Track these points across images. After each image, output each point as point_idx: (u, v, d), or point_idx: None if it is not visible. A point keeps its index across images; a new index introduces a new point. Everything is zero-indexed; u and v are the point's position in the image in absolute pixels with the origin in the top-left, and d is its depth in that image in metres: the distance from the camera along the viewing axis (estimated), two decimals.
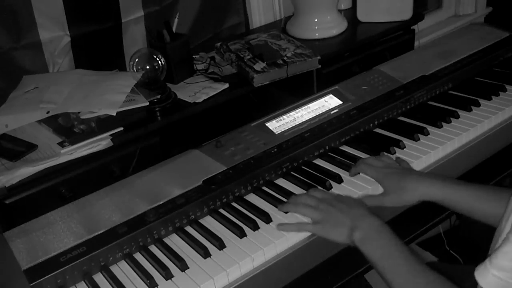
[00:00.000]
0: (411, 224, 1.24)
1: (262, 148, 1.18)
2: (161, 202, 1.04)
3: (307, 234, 1.01)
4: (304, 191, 1.11)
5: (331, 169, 1.19)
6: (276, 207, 1.08)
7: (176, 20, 1.45)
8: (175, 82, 1.42)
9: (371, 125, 1.32)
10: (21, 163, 1.13)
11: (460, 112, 1.35)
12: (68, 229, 0.99)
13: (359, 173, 1.15)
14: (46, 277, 0.89)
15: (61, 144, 1.17)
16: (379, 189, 1.12)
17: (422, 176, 1.08)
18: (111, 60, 1.51)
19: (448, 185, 1.03)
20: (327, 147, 1.24)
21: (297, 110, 1.31)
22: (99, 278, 0.95)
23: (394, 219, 1.15)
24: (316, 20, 1.64)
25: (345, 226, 0.95)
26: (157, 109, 1.29)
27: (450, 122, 1.32)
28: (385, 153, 1.21)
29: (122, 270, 0.97)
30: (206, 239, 1.01)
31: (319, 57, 1.44)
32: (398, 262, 0.89)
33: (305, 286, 1.03)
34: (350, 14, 1.79)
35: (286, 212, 1.05)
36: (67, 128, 1.22)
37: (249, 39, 1.56)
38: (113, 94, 1.26)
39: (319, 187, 1.11)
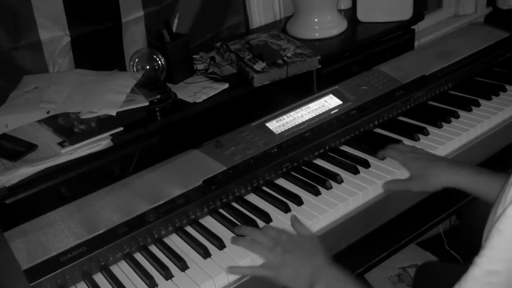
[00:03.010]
0: (411, 224, 1.24)
1: (262, 148, 1.18)
2: (161, 202, 1.04)
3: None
4: (305, 191, 1.12)
5: (331, 169, 1.18)
6: (276, 207, 1.08)
7: (176, 20, 1.45)
8: (175, 82, 1.42)
9: (371, 125, 1.32)
10: (21, 163, 1.13)
11: (460, 112, 1.35)
12: (68, 229, 0.99)
13: (385, 158, 1.18)
14: (46, 277, 0.89)
15: (61, 144, 1.17)
16: (379, 188, 1.12)
17: (450, 164, 1.10)
18: (111, 60, 1.51)
19: (473, 174, 1.05)
20: (327, 147, 1.24)
21: (297, 110, 1.31)
22: (99, 278, 0.95)
23: (394, 219, 1.15)
24: (316, 20, 1.64)
25: (305, 277, 0.90)
26: (157, 109, 1.29)
27: (450, 122, 1.32)
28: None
29: (122, 270, 0.97)
30: (206, 239, 1.01)
31: (319, 57, 1.44)
32: None
33: None
34: (350, 14, 1.79)
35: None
36: (67, 128, 1.22)
37: (249, 39, 1.56)
38: (113, 94, 1.26)
39: (319, 187, 1.11)
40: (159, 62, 1.35)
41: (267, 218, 1.04)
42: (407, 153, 1.15)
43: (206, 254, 0.97)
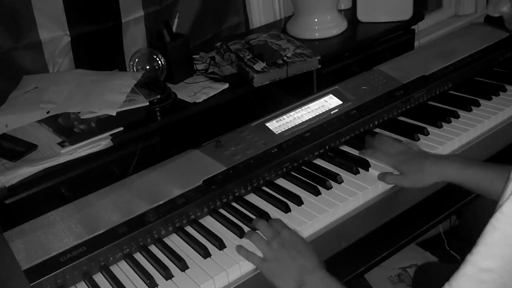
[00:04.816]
0: (411, 224, 1.24)
1: (262, 148, 1.18)
2: (161, 202, 1.04)
3: (308, 233, 1.01)
4: (305, 191, 1.12)
5: (331, 169, 1.19)
6: (276, 207, 1.08)
7: (176, 20, 1.45)
8: (175, 82, 1.42)
9: (371, 125, 1.32)
10: (21, 163, 1.12)
11: (460, 112, 1.35)
12: (68, 229, 0.99)
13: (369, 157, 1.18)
14: (46, 277, 0.89)
15: (61, 144, 1.17)
16: (379, 189, 1.12)
17: (439, 158, 1.10)
18: (111, 60, 1.51)
19: (466, 167, 1.04)
20: (327, 147, 1.24)
21: (297, 110, 1.31)
22: (99, 278, 0.95)
23: (394, 219, 1.15)
24: (316, 20, 1.64)
25: (292, 277, 0.90)
26: (157, 109, 1.29)
27: (450, 122, 1.32)
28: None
29: (122, 270, 0.97)
30: (206, 239, 1.01)
31: (319, 57, 1.44)
32: None
33: None
34: (350, 14, 1.79)
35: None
36: (67, 128, 1.22)
37: (249, 39, 1.56)
38: (113, 94, 1.26)
39: (319, 187, 1.11)
40: (159, 62, 1.36)
41: (267, 218, 1.04)
42: (394, 155, 1.14)
43: (206, 254, 0.97)
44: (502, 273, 0.67)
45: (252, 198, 1.12)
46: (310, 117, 1.29)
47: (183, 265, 0.94)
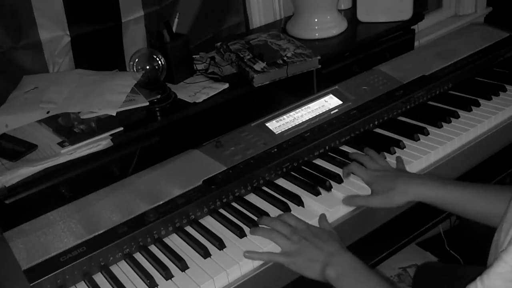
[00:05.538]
0: (411, 224, 1.24)
1: (262, 148, 1.18)
2: (161, 202, 1.04)
3: None
4: (305, 191, 1.12)
5: (331, 169, 1.19)
6: (276, 207, 1.08)
7: (176, 20, 1.45)
8: (175, 82, 1.42)
9: (371, 125, 1.32)
10: (21, 163, 1.13)
11: (460, 112, 1.35)
12: (68, 229, 0.99)
13: (351, 174, 1.14)
14: (46, 277, 0.89)
15: (61, 144, 1.17)
16: None
17: (412, 177, 1.07)
18: (111, 60, 1.51)
19: (439, 186, 1.02)
20: (327, 147, 1.24)
21: (297, 110, 1.31)
22: (99, 278, 0.95)
23: (395, 219, 1.15)
24: (316, 20, 1.64)
25: (318, 262, 0.93)
26: (157, 109, 1.29)
27: (450, 122, 1.32)
28: (385, 153, 1.21)
29: (122, 270, 0.97)
30: (206, 239, 1.01)
31: (319, 57, 1.44)
32: None
33: (306, 286, 1.03)
34: (350, 14, 1.79)
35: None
36: (67, 128, 1.22)
37: (249, 39, 1.56)
38: (113, 94, 1.26)
39: (319, 187, 1.11)
40: (159, 62, 1.36)
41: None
42: (370, 170, 1.11)
43: (206, 254, 0.97)
44: None
45: (252, 198, 1.12)
46: (310, 117, 1.29)
47: (183, 265, 0.94)
